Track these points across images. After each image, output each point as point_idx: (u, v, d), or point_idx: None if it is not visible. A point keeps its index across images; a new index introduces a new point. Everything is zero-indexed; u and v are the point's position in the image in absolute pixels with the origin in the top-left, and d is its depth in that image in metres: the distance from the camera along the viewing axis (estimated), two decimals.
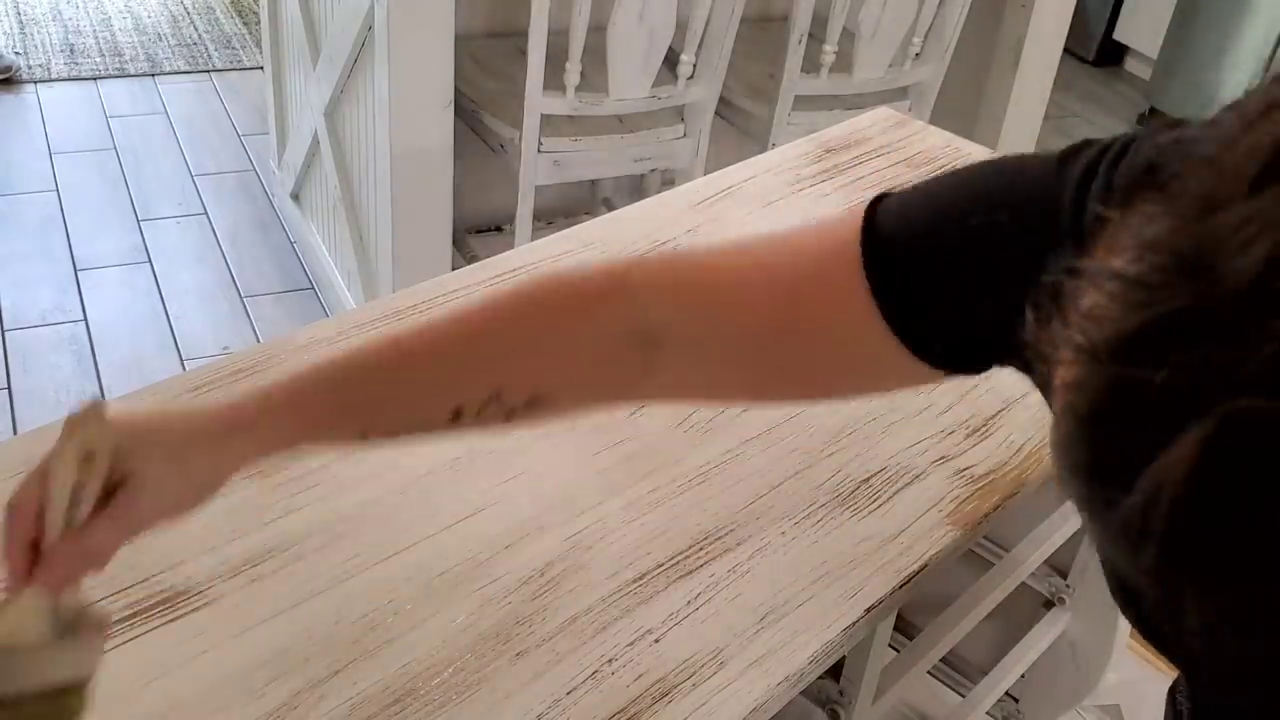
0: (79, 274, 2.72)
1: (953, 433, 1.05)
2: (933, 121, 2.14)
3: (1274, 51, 3.64)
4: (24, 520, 0.59)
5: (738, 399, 0.88)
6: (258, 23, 3.75)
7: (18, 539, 0.59)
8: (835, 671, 0.99)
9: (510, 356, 0.66)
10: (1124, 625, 1.54)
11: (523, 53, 2.03)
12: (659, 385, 0.68)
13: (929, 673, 1.40)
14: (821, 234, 0.63)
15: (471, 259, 2.30)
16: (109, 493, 0.60)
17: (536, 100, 2.08)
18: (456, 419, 0.64)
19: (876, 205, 0.61)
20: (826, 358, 0.64)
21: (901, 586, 0.89)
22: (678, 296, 0.65)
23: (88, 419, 0.60)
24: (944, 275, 0.58)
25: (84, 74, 3.60)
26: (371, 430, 0.68)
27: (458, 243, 2.50)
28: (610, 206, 2.69)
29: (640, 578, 0.87)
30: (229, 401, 0.65)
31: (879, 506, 0.96)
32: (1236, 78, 3.75)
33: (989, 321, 0.54)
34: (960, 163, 0.64)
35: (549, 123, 2.15)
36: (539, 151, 2.16)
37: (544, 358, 0.66)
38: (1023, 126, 2.99)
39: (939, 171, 1.49)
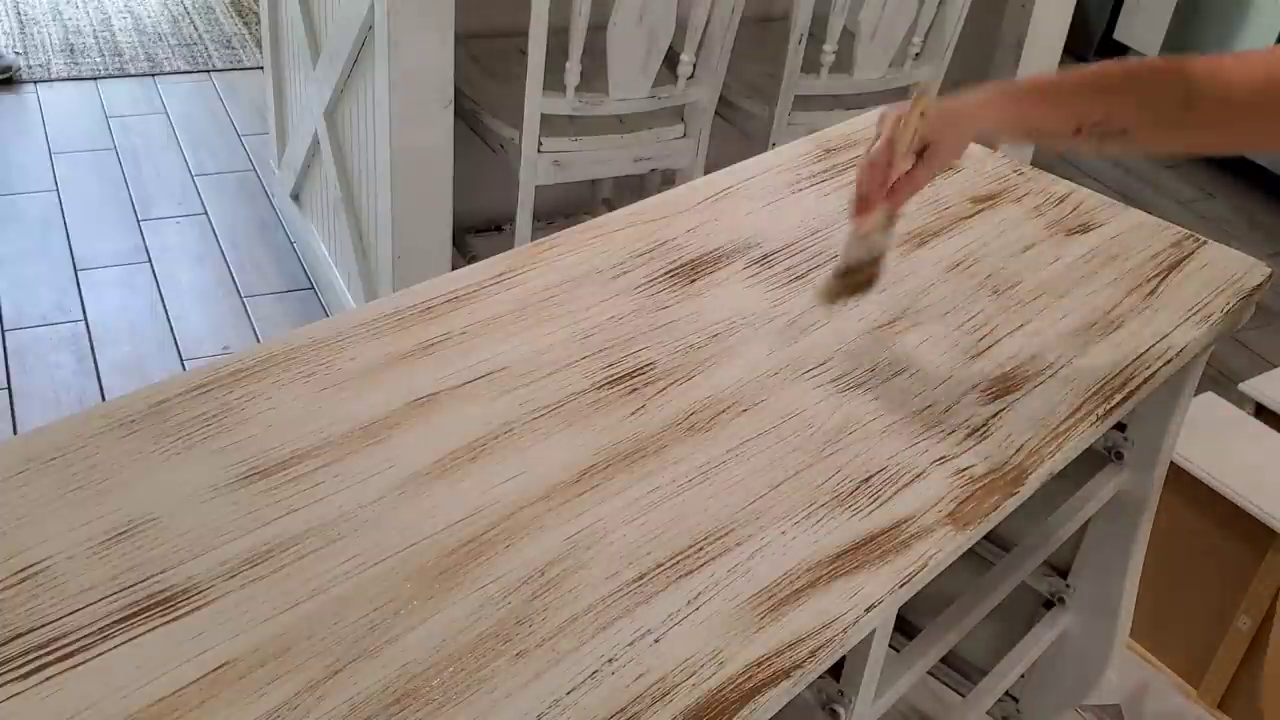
0: (79, 274, 2.73)
1: (953, 433, 1.05)
2: None
3: None
4: (880, 168, 1.08)
5: (1239, 149, 1.19)
6: (258, 22, 3.75)
7: (877, 179, 1.08)
8: (835, 671, 0.99)
9: (1122, 98, 1.04)
10: (1123, 625, 1.55)
11: (523, 53, 2.03)
12: (1193, 134, 1.04)
13: (929, 673, 1.40)
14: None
15: (471, 259, 2.30)
16: (919, 151, 1.08)
17: (536, 100, 2.08)
18: (1078, 132, 1.05)
19: None
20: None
21: (901, 586, 0.89)
22: (1224, 82, 0.99)
23: (924, 97, 1.09)
24: None
25: (84, 74, 3.60)
26: (1042, 127, 1.11)
27: (458, 243, 2.51)
28: (610, 206, 2.69)
29: (640, 578, 0.87)
30: (975, 91, 1.11)
31: (879, 506, 0.96)
32: None
33: None
34: (960, 162, 0.67)
35: (549, 123, 2.15)
36: (539, 151, 2.16)
37: (1134, 105, 1.04)
38: None
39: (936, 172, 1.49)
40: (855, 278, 1.13)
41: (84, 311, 2.61)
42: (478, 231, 2.66)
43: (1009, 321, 1.22)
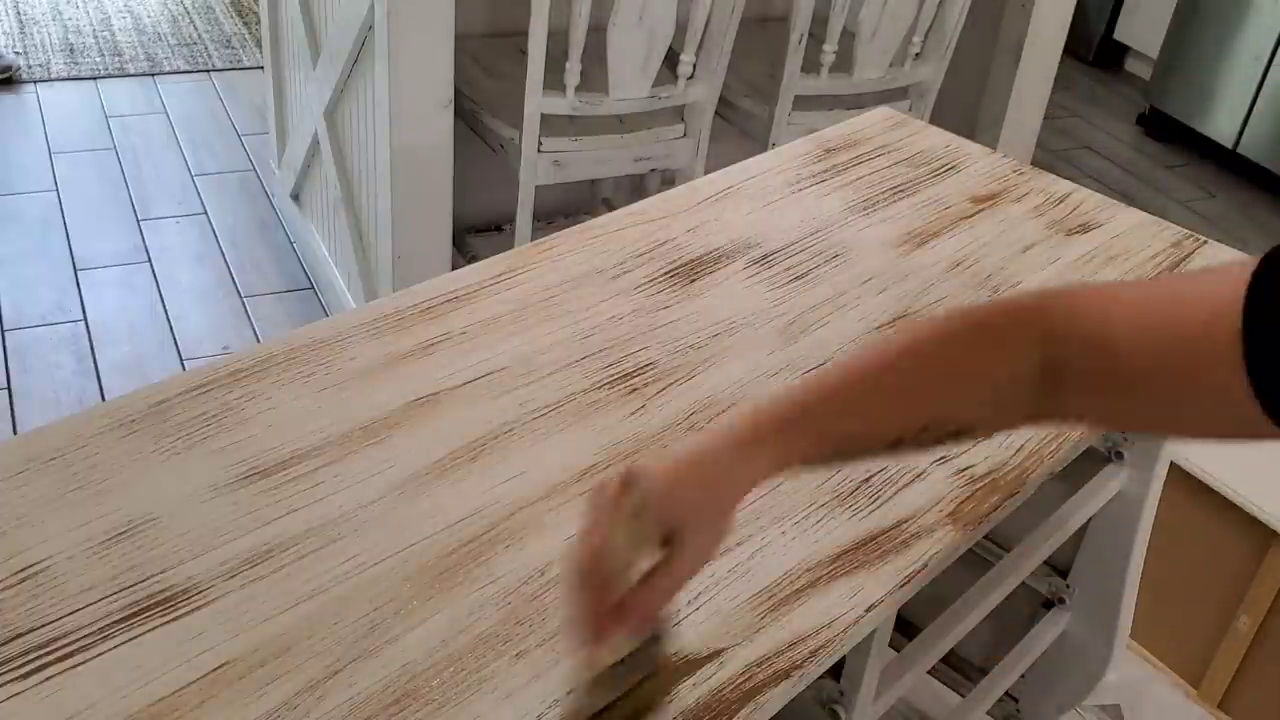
0: (79, 274, 2.72)
1: None
2: (933, 121, 2.14)
3: (1273, 52, 3.63)
4: (598, 582, 0.68)
5: (1123, 429, 0.94)
6: (257, 22, 3.75)
7: (597, 597, 0.68)
8: (835, 671, 0.99)
9: (943, 391, 0.73)
10: (1124, 625, 1.54)
11: (523, 52, 2.03)
12: (1064, 414, 0.72)
13: (929, 673, 1.40)
14: (1207, 287, 0.65)
15: (471, 259, 2.30)
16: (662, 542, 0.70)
17: (536, 100, 2.08)
18: (896, 446, 0.73)
19: (1267, 263, 0.61)
20: (1189, 410, 0.68)
21: (901, 586, 0.89)
22: (1082, 337, 0.69)
23: (634, 485, 0.69)
24: None
25: (84, 74, 3.60)
26: (833, 457, 0.76)
27: (457, 242, 2.50)
28: (610, 206, 2.69)
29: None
30: (723, 441, 0.72)
31: (879, 506, 0.96)
32: (1236, 78, 3.75)
33: None
34: (961, 162, 0.65)
35: (549, 123, 2.15)
36: (539, 151, 2.16)
37: (971, 392, 0.73)
38: (1023, 126, 2.99)
39: (936, 170, 1.49)
40: (618, 712, 0.75)
41: (84, 311, 2.60)
42: (478, 231, 2.66)
43: None
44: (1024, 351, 0.70)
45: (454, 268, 1.50)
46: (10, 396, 2.34)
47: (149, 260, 2.80)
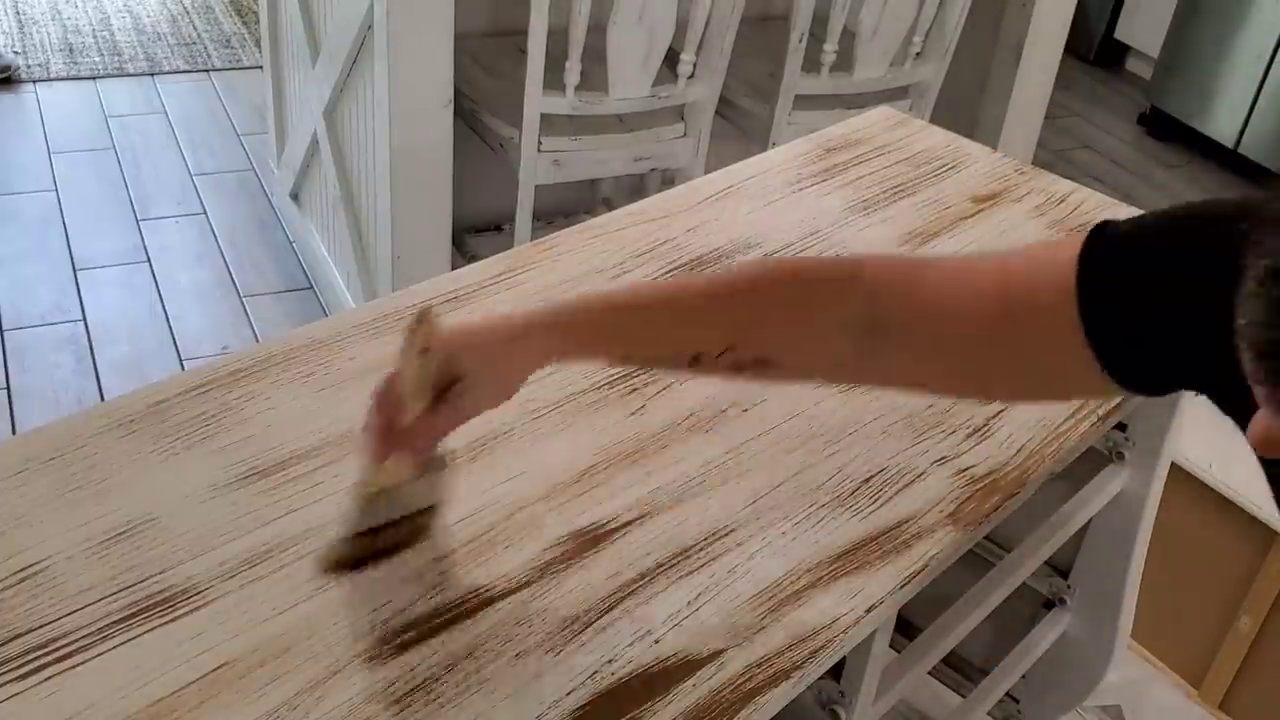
0: (78, 274, 2.72)
1: (953, 433, 1.05)
2: (933, 121, 2.14)
3: (1274, 51, 3.63)
4: (385, 409, 0.78)
5: (940, 393, 0.97)
6: (257, 22, 3.74)
7: (380, 423, 0.78)
8: (835, 671, 0.99)
9: (748, 322, 0.78)
10: (1124, 625, 1.54)
11: (523, 52, 2.03)
12: (874, 370, 0.79)
13: (929, 673, 1.40)
14: (1039, 253, 0.72)
15: (471, 258, 2.30)
16: (443, 388, 0.78)
17: (536, 99, 2.08)
18: (696, 363, 0.79)
19: (1099, 231, 0.69)
20: (1023, 368, 0.74)
21: (901, 586, 0.89)
22: (906, 296, 0.75)
23: (423, 323, 0.76)
24: (1153, 296, 0.66)
25: (83, 73, 3.60)
26: (629, 359, 0.84)
27: (457, 242, 2.50)
28: (610, 206, 2.68)
29: (640, 578, 0.87)
30: (525, 314, 0.80)
31: (879, 506, 0.96)
32: (1236, 78, 3.75)
33: (1188, 345, 0.64)
34: (961, 161, 0.66)
35: (549, 122, 2.14)
36: (539, 151, 2.15)
37: (776, 328, 0.78)
38: (1023, 126, 2.99)
39: (937, 170, 1.49)
40: (372, 541, 0.80)
41: (83, 311, 2.60)
42: (478, 231, 2.65)
43: None
44: (841, 303, 0.76)
45: (454, 267, 1.50)
46: (9, 396, 2.34)
47: (148, 260, 2.80)
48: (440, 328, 0.77)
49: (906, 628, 1.28)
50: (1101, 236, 0.68)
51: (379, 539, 0.80)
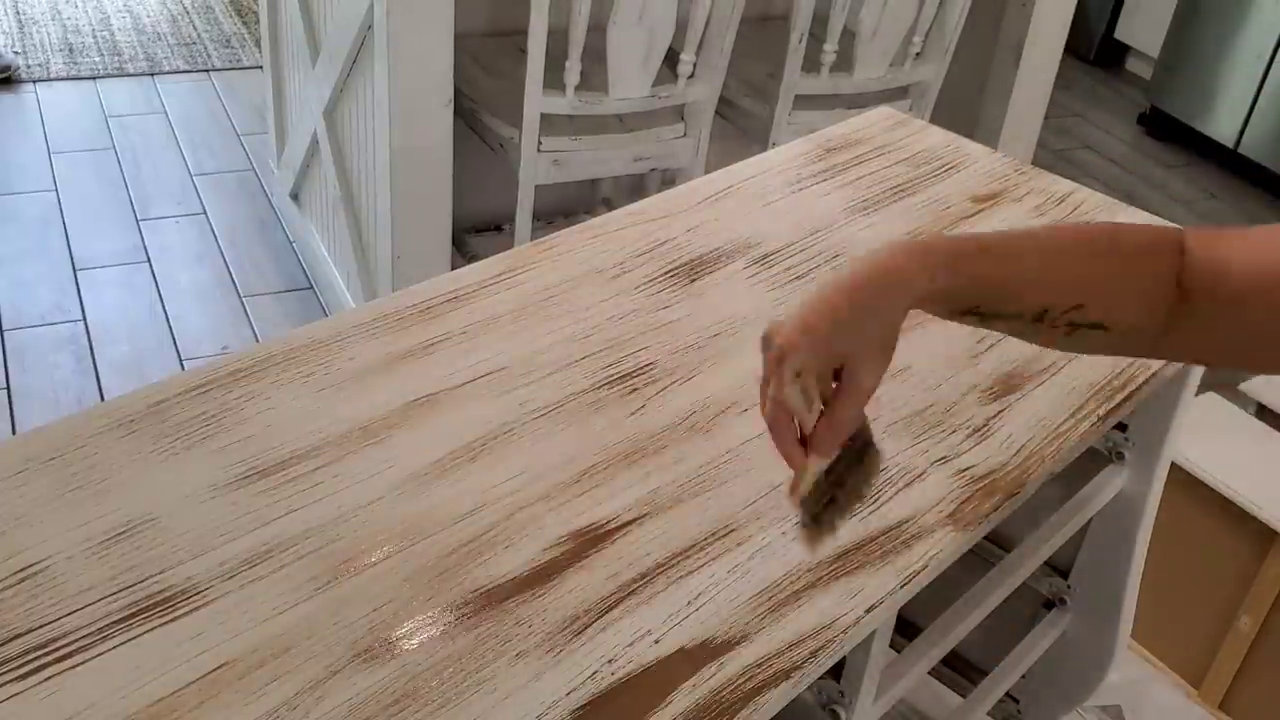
0: (78, 274, 2.72)
1: (953, 433, 1.05)
2: (933, 121, 2.14)
3: (1274, 51, 3.63)
4: (785, 428, 0.78)
5: (1238, 365, 0.97)
6: (257, 22, 3.75)
7: (788, 440, 0.78)
8: (835, 671, 0.99)
9: (1097, 281, 0.80)
10: (1124, 625, 1.54)
11: (523, 52, 2.03)
12: (1183, 336, 0.80)
13: (929, 673, 1.40)
14: None
15: (471, 258, 2.30)
16: (832, 378, 0.78)
17: (536, 99, 2.08)
18: (1040, 319, 0.79)
19: None
20: None
21: (902, 586, 0.89)
22: (1222, 265, 0.77)
23: (782, 362, 0.77)
24: None
25: (83, 73, 3.60)
26: (978, 309, 0.80)
27: (457, 242, 2.50)
28: (610, 206, 2.68)
29: (640, 578, 0.87)
30: (885, 263, 0.77)
31: (879, 507, 0.96)
32: (1236, 78, 3.75)
33: None
34: (961, 161, 0.66)
35: (549, 122, 2.14)
36: (539, 151, 2.16)
37: (1119, 289, 0.80)
38: (1023, 126, 2.99)
39: (937, 170, 1.49)
40: (830, 515, 0.86)
41: (83, 311, 2.60)
42: (477, 231, 2.65)
43: None
44: (1167, 267, 0.78)
45: (454, 267, 1.50)
46: (9, 396, 2.34)
47: (148, 260, 2.80)
48: (799, 342, 0.76)
49: (906, 628, 1.28)
50: None
51: (832, 511, 0.84)
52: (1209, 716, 1.94)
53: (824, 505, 0.84)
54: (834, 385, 0.78)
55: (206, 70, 3.72)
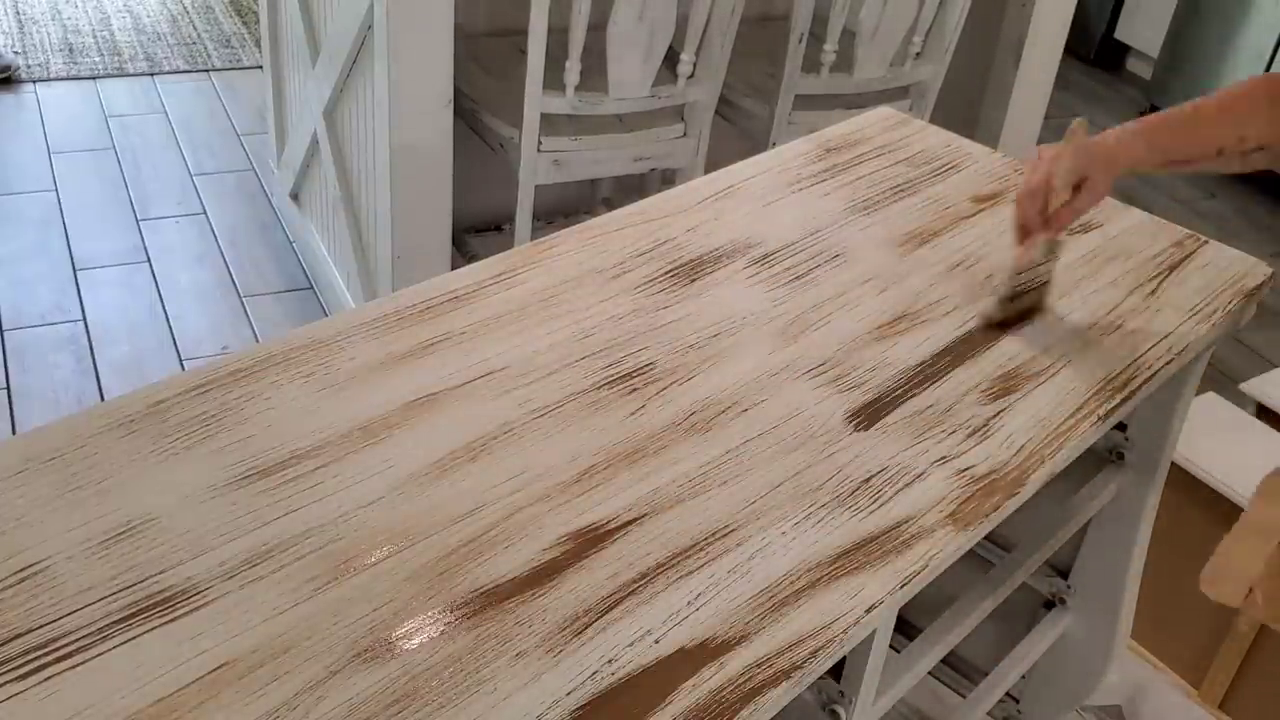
0: (78, 274, 2.72)
1: (953, 433, 1.05)
2: (933, 121, 2.14)
3: (1274, 51, 3.63)
4: (1035, 202, 1.18)
5: None
6: (257, 22, 3.75)
7: (1034, 211, 1.18)
8: (835, 671, 0.99)
9: (1251, 118, 1.14)
10: (1124, 625, 1.54)
11: (522, 52, 2.03)
12: None
13: (929, 673, 1.40)
14: None
15: (471, 258, 2.30)
16: (1076, 185, 1.17)
17: (536, 99, 2.08)
18: (1219, 154, 1.15)
19: None
20: None
21: (901, 586, 0.89)
22: None
23: (1078, 130, 1.17)
24: None
25: (83, 73, 3.60)
26: (1173, 160, 1.18)
27: (457, 242, 2.50)
28: (610, 206, 2.69)
29: (640, 578, 0.87)
30: (1115, 134, 1.18)
31: (879, 507, 0.96)
32: (1237, 77, 3.75)
33: None
34: (962, 162, 0.67)
35: (549, 122, 2.14)
36: (539, 151, 2.16)
37: (1266, 120, 1.13)
38: (1023, 126, 2.99)
39: (937, 170, 1.49)
40: (1018, 304, 1.19)
41: (83, 311, 2.60)
42: (477, 231, 2.66)
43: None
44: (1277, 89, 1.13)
45: (454, 267, 1.50)
46: (9, 396, 2.34)
47: (148, 260, 2.80)
48: (1083, 144, 1.15)
49: (906, 628, 1.28)
50: None
51: (1020, 303, 1.20)
52: (1209, 716, 1.93)
53: (1018, 293, 1.18)
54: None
55: (206, 70, 3.72)
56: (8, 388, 2.36)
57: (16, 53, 3.63)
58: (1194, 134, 1.16)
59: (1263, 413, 2.04)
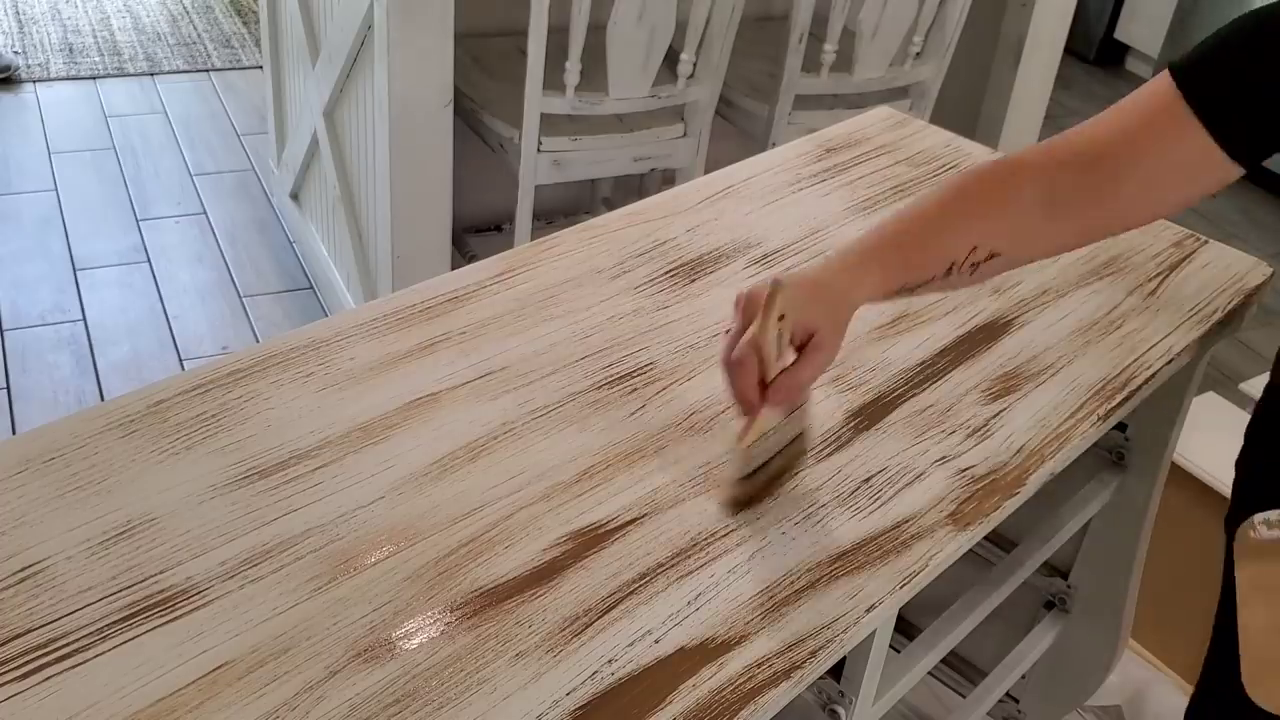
0: (78, 274, 2.72)
1: (953, 433, 1.05)
2: (933, 121, 2.14)
3: None
4: (750, 372, 0.88)
5: (1120, 224, 1.04)
6: (257, 22, 3.75)
7: (749, 384, 0.89)
8: (835, 671, 0.99)
9: (979, 221, 0.95)
10: (1124, 625, 1.54)
11: (522, 52, 2.03)
12: (1057, 234, 0.97)
13: (929, 673, 1.40)
14: (1140, 95, 0.98)
15: (471, 258, 2.30)
16: (800, 345, 0.90)
17: (536, 100, 2.08)
18: (948, 273, 0.94)
19: (1174, 64, 0.93)
20: (1153, 175, 0.94)
21: (901, 586, 0.89)
22: (1059, 164, 0.95)
23: (778, 292, 0.86)
24: (1249, 70, 0.86)
25: (83, 73, 3.60)
26: (904, 288, 0.95)
27: (457, 242, 2.50)
28: (610, 206, 2.69)
29: (640, 578, 0.87)
30: (839, 262, 0.94)
31: (879, 507, 0.96)
32: None
33: None
34: (962, 162, 0.68)
35: (549, 122, 2.14)
36: (539, 151, 2.16)
37: (996, 219, 0.95)
38: (1023, 126, 2.99)
39: (937, 170, 1.49)
40: (762, 475, 0.95)
41: (83, 311, 2.60)
42: (477, 231, 2.66)
43: (1010, 321, 1.22)
44: (1021, 190, 0.94)
45: (453, 267, 1.50)
46: (9, 396, 2.34)
47: (148, 260, 2.80)
48: (791, 296, 0.88)
49: (906, 628, 1.28)
50: (1182, 60, 0.93)
51: (764, 473, 0.94)
52: None
53: (758, 466, 0.93)
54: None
55: (206, 70, 3.72)
56: (7, 388, 2.36)
57: (16, 53, 3.63)
58: (924, 248, 0.94)
59: None
